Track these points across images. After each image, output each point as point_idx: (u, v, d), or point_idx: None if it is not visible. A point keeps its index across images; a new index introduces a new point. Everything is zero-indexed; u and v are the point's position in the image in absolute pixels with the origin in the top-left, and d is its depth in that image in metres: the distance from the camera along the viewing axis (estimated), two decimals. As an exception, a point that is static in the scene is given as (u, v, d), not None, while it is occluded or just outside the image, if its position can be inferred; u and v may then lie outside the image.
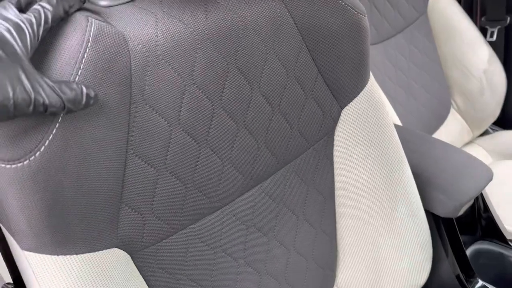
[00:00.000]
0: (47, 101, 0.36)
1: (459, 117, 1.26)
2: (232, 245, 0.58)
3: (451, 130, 1.23)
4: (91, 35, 0.40)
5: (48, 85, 0.36)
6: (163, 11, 0.45)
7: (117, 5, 0.45)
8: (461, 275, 0.75)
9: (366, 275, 0.71)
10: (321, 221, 0.68)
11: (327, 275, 0.71)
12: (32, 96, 0.35)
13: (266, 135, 0.56)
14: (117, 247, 0.46)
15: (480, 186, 0.73)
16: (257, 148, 0.56)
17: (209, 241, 0.55)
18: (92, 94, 0.39)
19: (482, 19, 1.33)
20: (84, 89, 0.38)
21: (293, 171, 0.62)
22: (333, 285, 0.73)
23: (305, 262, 0.67)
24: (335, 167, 0.66)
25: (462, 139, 1.25)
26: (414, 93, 1.16)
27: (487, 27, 1.32)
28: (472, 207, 0.84)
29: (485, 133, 1.33)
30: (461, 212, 0.73)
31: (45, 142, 0.38)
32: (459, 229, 0.76)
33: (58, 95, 0.36)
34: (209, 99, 0.49)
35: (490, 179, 0.73)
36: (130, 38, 0.43)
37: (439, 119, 1.21)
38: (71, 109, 0.38)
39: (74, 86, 0.38)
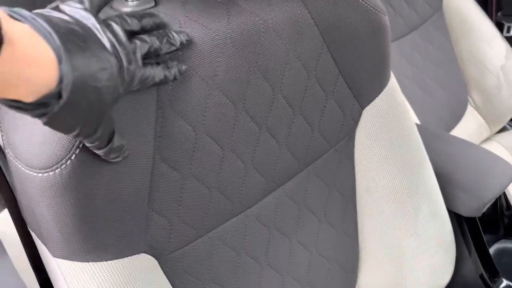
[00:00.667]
0: (156, 79, 0.40)
1: (476, 114, 1.24)
2: (255, 248, 0.58)
3: (469, 127, 1.21)
4: None
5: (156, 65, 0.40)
6: (186, 16, 0.45)
7: (140, 10, 0.46)
8: (484, 275, 0.74)
9: (388, 276, 0.70)
10: (342, 222, 0.67)
11: (349, 277, 0.71)
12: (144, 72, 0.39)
13: (287, 137, 0.56)
14: (145, 253, 0.46)
15: (504, 184, 0.72)
16: (278, 150, 0.56)
17: (233, 244, 0.55)
18: (183, 69, 0.43)
19: (498, 14, 1.31)
20: (183, 67, 0.43)
21: (314, 172, 0.62)
22: (354, 287, 0.72)
23: (327, 264, 0.67)
24: (356, 168, 0.66)
25: (480, 136, 1.23)
26: (430, 91, 1.15)
27: (503, 22, 1.30)
28: (494, 205, 0.82)
29: (503, 129, 1.31)
30: (483, 211, 0.72)
31: (76, 151, 0.38)
32: (481, 227, 0.75)
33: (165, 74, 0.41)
34: (232, 103, 0.49)
35: (513, 176, 0.72)
36: None
37: (457, 117, 1.20)
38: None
39: (171, 64, 0.42)
